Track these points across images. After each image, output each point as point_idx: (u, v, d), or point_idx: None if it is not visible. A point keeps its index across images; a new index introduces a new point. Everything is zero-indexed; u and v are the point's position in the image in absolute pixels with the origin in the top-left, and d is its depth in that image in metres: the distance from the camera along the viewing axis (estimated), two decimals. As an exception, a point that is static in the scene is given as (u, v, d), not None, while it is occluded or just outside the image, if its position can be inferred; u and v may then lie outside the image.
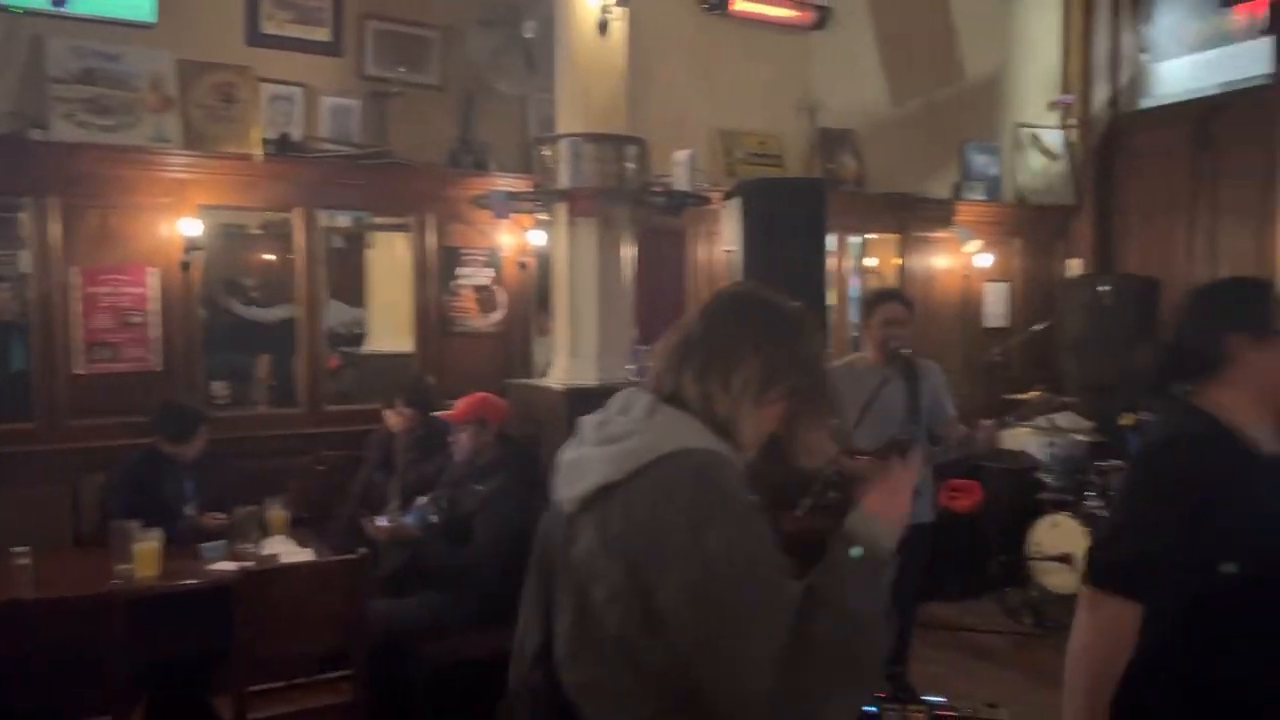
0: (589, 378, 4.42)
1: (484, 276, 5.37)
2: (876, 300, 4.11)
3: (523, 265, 5.44)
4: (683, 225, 5.51)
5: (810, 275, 4.29)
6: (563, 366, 4.55)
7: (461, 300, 5.32)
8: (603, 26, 4.33)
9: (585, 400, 4.34)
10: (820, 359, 1.53)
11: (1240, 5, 6.07)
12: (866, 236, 6.58)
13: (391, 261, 5.82)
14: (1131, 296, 6.17)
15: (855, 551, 1.33)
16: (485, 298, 5.38)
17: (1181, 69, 6.85)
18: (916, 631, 4.37)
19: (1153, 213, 6.76)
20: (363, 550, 3.44)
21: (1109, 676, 1.83)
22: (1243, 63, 6.37)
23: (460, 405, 3.97)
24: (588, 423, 1.49)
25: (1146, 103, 6.99)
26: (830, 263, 5.81)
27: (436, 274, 5.23)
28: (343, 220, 5.94)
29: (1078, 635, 1.89)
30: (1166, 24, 6.97)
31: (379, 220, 5.83)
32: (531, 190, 4.74)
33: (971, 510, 5.80)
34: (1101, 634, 1.85)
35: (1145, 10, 6.98)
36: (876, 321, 4.01)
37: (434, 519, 3.94)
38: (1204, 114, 6.40)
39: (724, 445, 1.41)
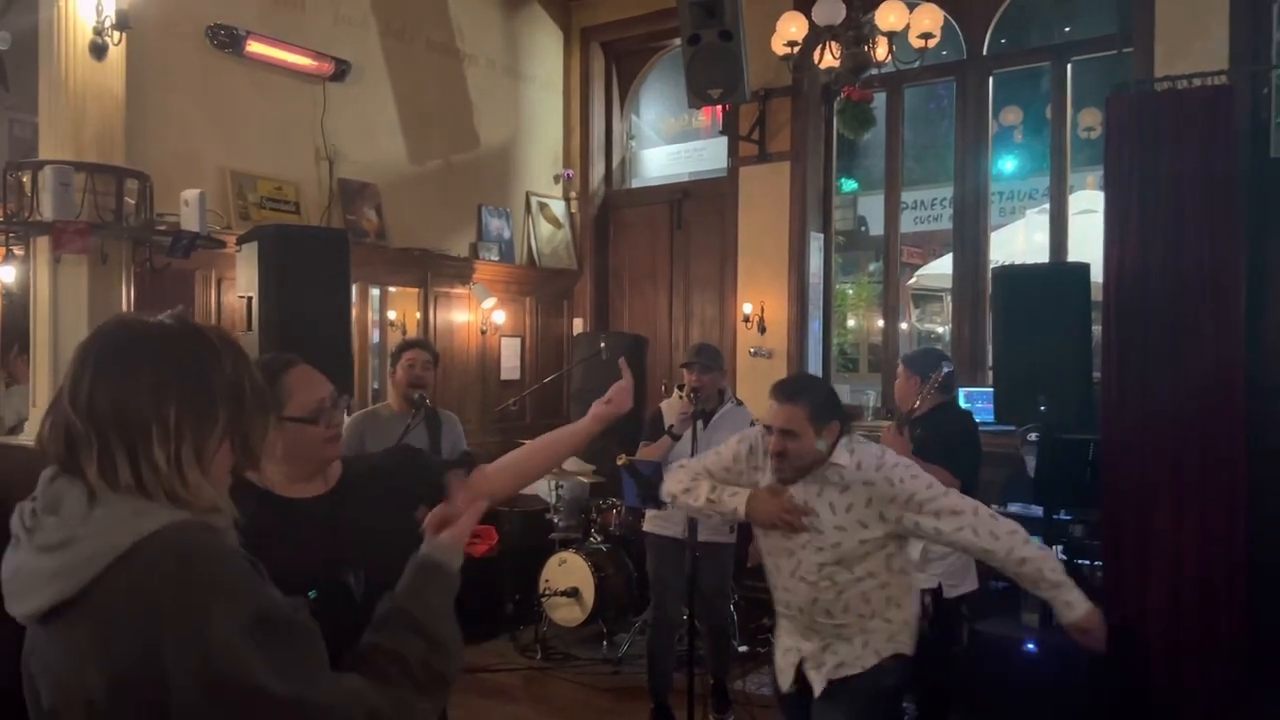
0: (75, 434, 3.93)
1: (-67, 317, 4.55)
2: (402, 349, 4.19)
3: (-13, 306, 4.70)
4: (191, 268, 5.15)
5: (335, 326, 4.25)
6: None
7: (-99, 345, 4.45)
8: (99, 50, 3.96)
9: (70, 459, 3.86)
10: (241, 368, 1.29)
11: (704, 108, 7.19)
12: (388, 289, 6.65)
13: None
14: (624, 352, 6.92)
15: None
16: (-66, 342, 4.55)
17: (661, 156, 7.93)
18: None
19: (640, 279, 7.71)
20: None
21: None
22: (706, 156, 7.55)
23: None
24: (21, 518, 1.22)
25: (635, 183, 7.97)
26: (351, 314, 5.78)
27: None
28: None
29: None
30: (649, 117, 8.05)
31: None
32: (4, 220, 4.14)
33: (488, 554, 6.12)
34: None
35: (633, 103, 7.98)
36: (401, 367, 4.09)
37: None
38: (678, 196, 7.46)
39: (187, 513, 1.20)
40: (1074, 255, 5.76)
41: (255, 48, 5.62)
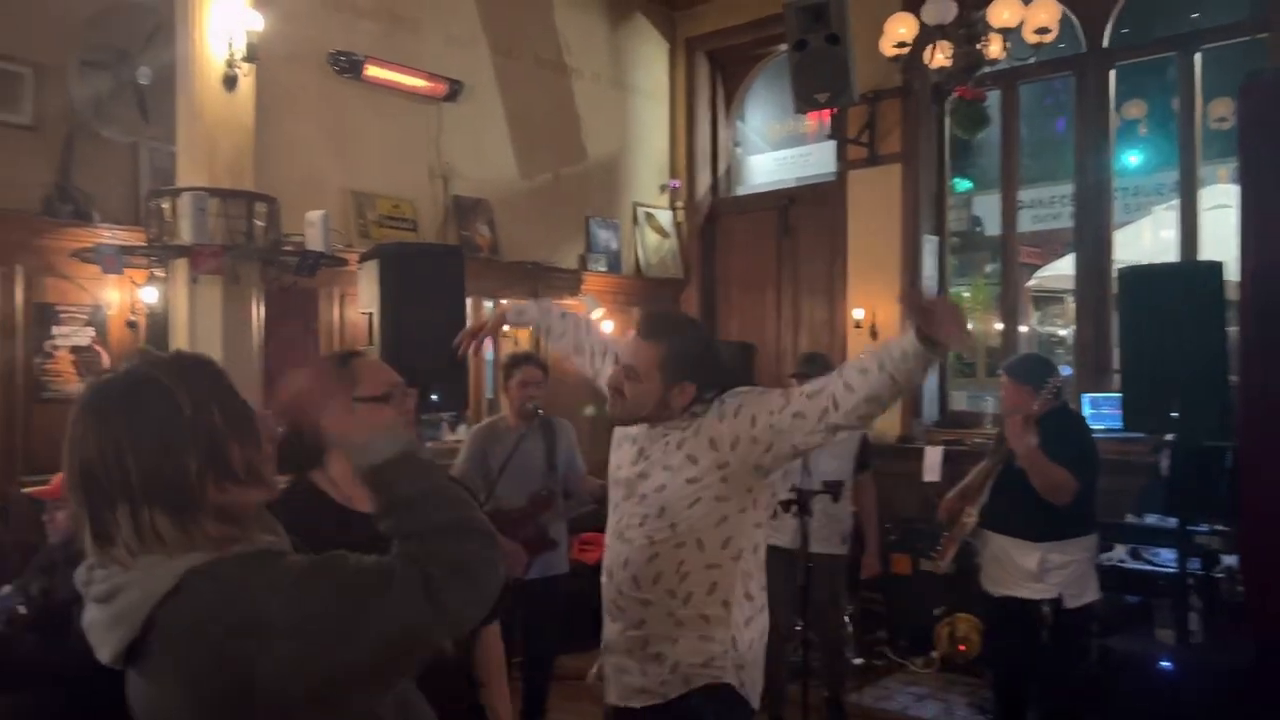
0: (212, 445, 4.15)
1: (84, 336, 4.86)
2: (514, 364, 4.28)
3: (131, 324, 4.99)
4: (314, 285, 5.37)
5: (452, 340, 4.35)
6: (181, 434, 4.24)
7: (56, 362, 4.76)
8: (230, 81, 4.17)
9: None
10: (204, 397, 1.27)
11: (811, 113, 7.12)
12: (500, 302, 6.79)
13: (-35, 319, 5.07)
14: (732, 359, 6.92)
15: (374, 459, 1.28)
16: (85, 359, 4.86)
17: (767, 163, 7.89)
18: (552, 685, 4.52)
19: (748, 286, 7.67)
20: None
21: None
22: (813, 161, 7.48)
23: (58, 479, 3.55)
24: (79, 577, 1.28)
25: (741, 190, 7.95)
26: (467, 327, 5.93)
27: (26, 333, 4.64)
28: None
29: None
30: (755, 123, 8.02)
31: (-50, 271, 5.08)
32: (147, 245, 4.40)
33: (600, 561, 6.17)
34: None
35: (738, 110, 7.97)
36: (515, 384, 4.18)
37: (22, 610, 3.46)
38: (785, 203, 7.41)
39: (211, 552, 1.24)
40: (1206, 253, 5.49)
41: (373, 71, 5.84)
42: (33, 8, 4.73)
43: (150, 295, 4.91)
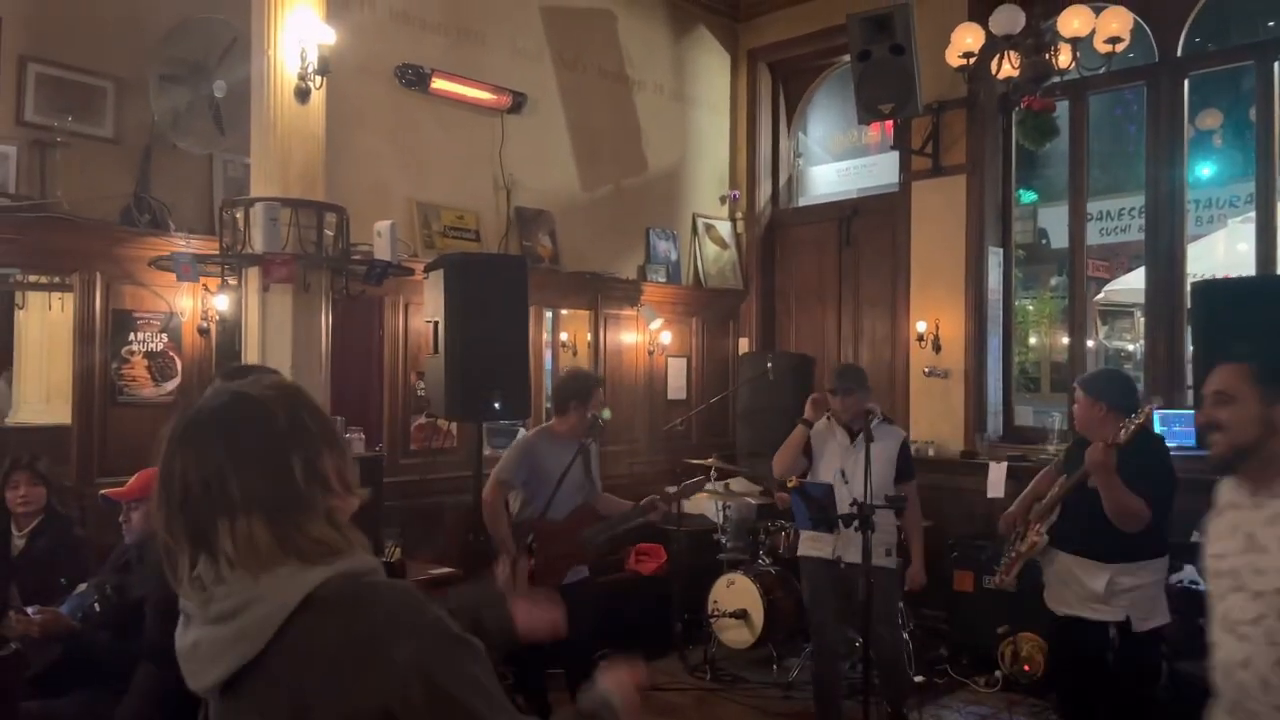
0: (280, 450, 4.24)
1: (159, 342, 5.00)
2: (597, 384, 4.34)
3: (203, 330, 5.13)
4: (381, 294, 5.47)
5: (514, 348, 4.42)
6: (250, 438, 4.33)
7: (132, 367, 4.90)
8: (302, 94, 4.27)
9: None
10: (297, 408, 1.29)
11: (874, 123, 7.07)
12: (560, 311, 6.85)
13: (47, 324, 5.26)
14: (791, 371, 6.87)
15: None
16: (159, 365, 5.00)
17: (829, 174, 7.84)
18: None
19: (807, 298, 7.63)
20: (13, 646, 3.06)
21: None
22: (876, 172, 7.42)
23: (134, 481, 3.65)
24: (186, 598, 1.26)
25: (802, 201, 7.91)
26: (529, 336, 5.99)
27: (104, 338, 4.80)
28: (-10, 277, 5.29)
29: None
30: (817, 134, 7.98)
31: (35, 279, 5.26)
32: (221, 253, 4.52)
33: (657, 572, 6.17)
34: None
35: (800, 121, 7.94)
36: (595, 402, 4.24)
37: (97, 607, 3.57)
38: (846, 214, 7.36)
39: (348, 559, 1.25)
40: (1285, 266, 5.33)
41: (439, 84, 5.93)
42: (114, 25, 4.89)
43: (221, 303, 5.03)
